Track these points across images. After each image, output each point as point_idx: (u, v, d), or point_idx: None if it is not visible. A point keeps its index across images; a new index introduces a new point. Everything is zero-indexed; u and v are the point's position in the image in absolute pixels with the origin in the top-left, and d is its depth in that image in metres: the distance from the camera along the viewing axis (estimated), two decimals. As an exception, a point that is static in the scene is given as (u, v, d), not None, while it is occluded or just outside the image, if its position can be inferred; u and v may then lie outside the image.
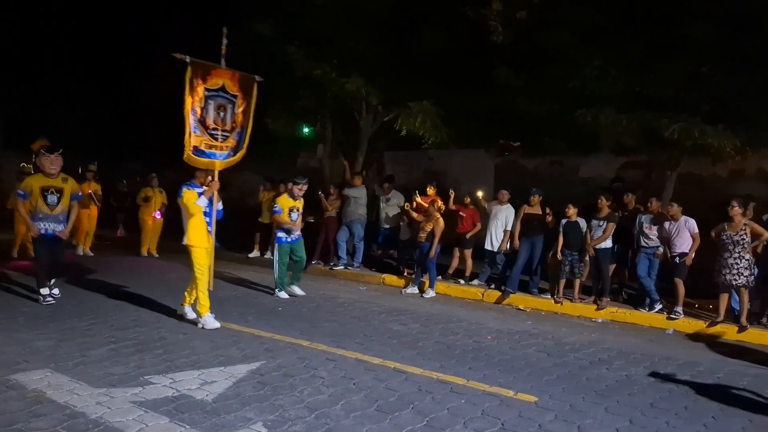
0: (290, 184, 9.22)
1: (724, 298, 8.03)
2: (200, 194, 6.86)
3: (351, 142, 14.85)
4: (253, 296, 9.01)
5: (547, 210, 9.65)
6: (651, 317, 8.44)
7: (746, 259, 7.79)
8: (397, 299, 9.26)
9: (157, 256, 12.97)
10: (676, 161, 10.53)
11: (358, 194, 11.39)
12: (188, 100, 6.94)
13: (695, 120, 9.07)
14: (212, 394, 4.70)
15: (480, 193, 11.13)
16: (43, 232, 7.45)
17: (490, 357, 6.22)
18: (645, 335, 7.75)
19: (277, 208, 9.01)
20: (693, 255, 8.33)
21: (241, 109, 7.53)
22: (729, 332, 7.82)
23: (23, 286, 8.52)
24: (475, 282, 10.20)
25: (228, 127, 7.38)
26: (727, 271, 7.85)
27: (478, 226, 10.41)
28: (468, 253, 10.49)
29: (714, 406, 5.08)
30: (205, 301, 6.82)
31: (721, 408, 5.05)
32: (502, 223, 9.93)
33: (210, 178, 7.05)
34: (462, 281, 10.29)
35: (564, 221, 9.14)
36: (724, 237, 7.93)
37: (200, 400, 4.56)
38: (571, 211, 9.09)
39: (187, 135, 6.94)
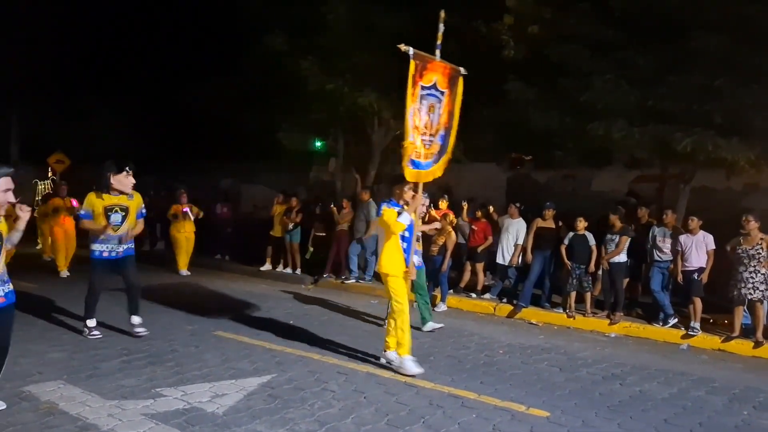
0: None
1: (739, 313, 7.93)
2: (400, 213, 5.89)
3: (363, 155, 14.90)
4: (265, 309, 9.02)
5: (560, 223, 9.62)
6: (665, 332, 8.35)
7: (762, 273, 7.70)
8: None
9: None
10: (690, 175, 10.46)
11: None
12: (410, 101, 5.89)
13: (708, 133, 9.01)
14: (223, 407, 4.71)
15: (491, 207, 11.10)
16: (106, 255, 6.61)
17: (501, 371, 6.19)
18: (659, 350, 7.67)
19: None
20: (708, 272, 8.25)
21: (447, 109, 6.36)
22: (744, 348, 7.71)
23: (38, 298, 8.60)
24: (487, 296, 10.15)
25: (433, 130, 6.25)
26: (743, 285, 7.76)
27: (490, 239, 10.38)
28: (480, 266, 10.45)
29: (729, 423, 5.01)
30: (405, 339, 5.90)
31: (736, 425, 4.99)
32: (513, 236, 9.90)
33: (411, 193, 6.08)
34: (474, 295, 10.25)
35: (571, 234, 9.12)
36: (740, 251, 7.86)
37: (211, 413, 4.57)
38: (581, 224, 9.07)
39: (407, 143, 5.88)
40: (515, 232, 9.89)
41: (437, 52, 6.23)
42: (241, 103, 15.60)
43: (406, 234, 6.00)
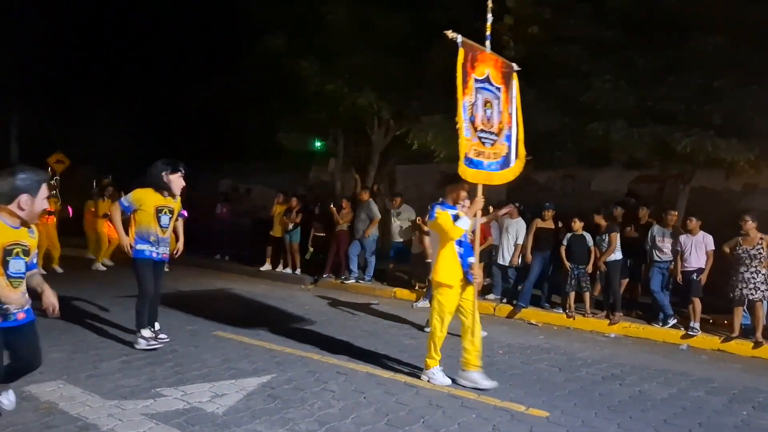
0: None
1: (738, 313, 7.94)
2: (455, 216, 5.48)
3: (363, 156, 14.92)
4: (265, 310, 9.02)
5: (560, 224, 9.64)
6: (664, 332, 8.36)
7: (763, 274, 7.72)
8: (408, 313, 9.23)
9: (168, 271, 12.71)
10: (689, 175, 10.47)
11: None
12: (461, 92, 5.39)
13: (708, 134, 9.02)
14: (223, 406, 4.71)
15: (491, 208, 11.10)
16: (155, 256, 6.30)
17: (501, 371, 6.19)
18: (658, 350, 7.68)
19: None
20: (708, 272, 8.27)
21: (506, 107, 5.96)
22: (744, 348, 7.72)
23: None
24: (491, 296, 10.14)
25: (495, 128, 5.81)
26: (744, 286, 7.78)
27: (490, 239, 10.39)
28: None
29: (728, 423, 5.01)
30: (435, 351, 5.63)
31: (735, 425, 4.99)
32: (513, 236, 9.91)
33: (465, 194, 5.69)
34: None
35: (569, 234, 9.16)
36: (740, 251, 7.87)
37: (211, 413, 4.57)
38: (577, 224, 9.10)
39: (461, 139, 5.39)
40: (515, 232, 9.89)
41: (487, 43, 5.81)
42: (240, 104, 15.62)
43: (462, 238, 5.54)
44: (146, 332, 6.28)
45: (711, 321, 8.65)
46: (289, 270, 12.42)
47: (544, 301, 9.61)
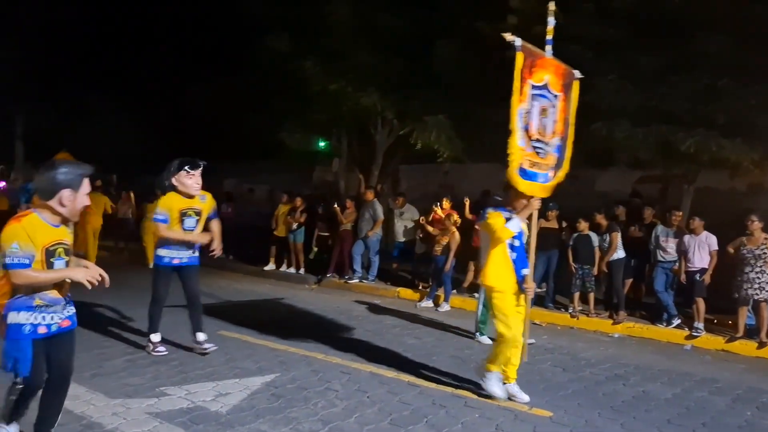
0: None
1: (743, 313, 7.93)
2: (509, 219, 5.21)
3: (366, 155, 14.92)
4: (269, 309, 9.03)
5: (564, 224, 9.63)
6: (668, 332, 8.35)
7: (767, 273, 7.71)
8: (412, 313, 9.24)
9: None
10: (693, 175, 10.45)
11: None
12: (517, 98, 5.10)
13: (712, 134, 9.01)
14: (227, 406, 4.73)
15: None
16: (176, 262, 6.09)
17: (504, 371, 6.19)
18: (662, 351, 7.66)
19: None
20: (711, 272, 8.25)
21: (562, 115, 5.64)
22: (748, 348, 7.71)
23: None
24: None
25: (548, 137, 5.53)
26: (749, 286, 7.76)
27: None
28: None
29: (732, 424, 5.01)
30: (500, 359, 5.24)
31: (739, 426, 4.99)
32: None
33: (523, 201, 5.33)
34: (477, 295, 10.23)
35: (575, 235, 9.15)
36: (745, 251, 7.85)
37: (215, 412, 4.59)
38: (583, 224, 9.10)
39: (514, 147, 5.10)
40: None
41: (548, 48, 5.52)
42: (244, 104, 15.64)
43: (516, 243, 5.27)
44: (155, 337, 6.16)
45: (715, 321, 8.62)
46: (293, 269, 12.43)
47: (548, 301, 9.59)
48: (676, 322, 8.49)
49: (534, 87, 5.23)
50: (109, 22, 21.50)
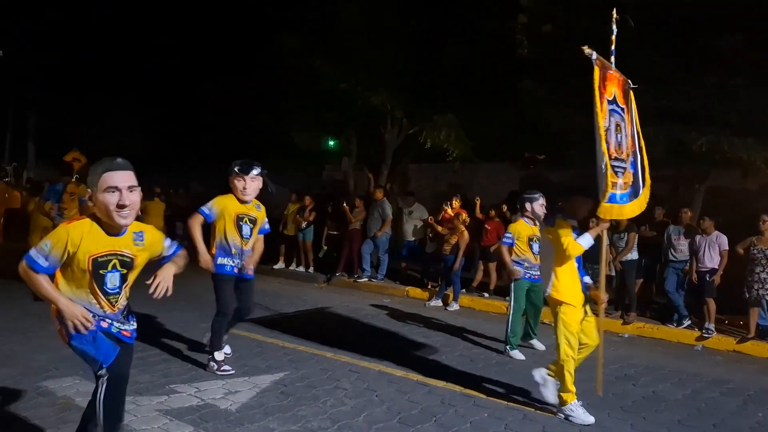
0: (528, 204, 6.90)
1: (754, 313, 7.87)
2: (576, 230, 4.97)
3: (376, 154, 14.93)
4: (278, 307, 9.06)
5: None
6: (679, 333, 8.30)
7: (778, 274, 7.66)
8: (420, 312, 9.24)
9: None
10: (705, 174, 10.38)
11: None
12: (601, 117, 4.76)
13: (724, 133, 8.94)
14: (236, 403, 4.75)
15: (504, 206, 11.08)
16: (236, 272, 5.60)
17: (513, 371, 6.18)
18: (673, 351, 7.62)
19: (506, 239, 7.01)
20: (721, 272, 8.19)
21: (630, 129, 5.23)
22: (760, 349, 7.65)
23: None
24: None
25: (623, 155, 5.14)
26: (759, 286, 7.72)
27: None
28: (493, 266, 10.43)
29: (743, 425, 4.98)
30: (570, 382, 4.85)
31: (751, 427, 4.95)
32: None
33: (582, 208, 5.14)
34: (486, 294, 10.23)
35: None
36: (755, 251, 7.81)
37: (224, 410, 4.61)
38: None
39: (608, 170, 4.73)
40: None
41: (612, 59, 5.25)
42: (254, 102, 15.69)
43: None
44: (219, 355, 5.65)
45: (726, 322, 8.57)
46: (302, 268, 12.46)
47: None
48: (687, 322, 8.44)
49: (609, 102, 4.93)
50: (120, 21, 21.61)
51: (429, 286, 10.72)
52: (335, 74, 12.66)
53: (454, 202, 10.65)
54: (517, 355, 6.80)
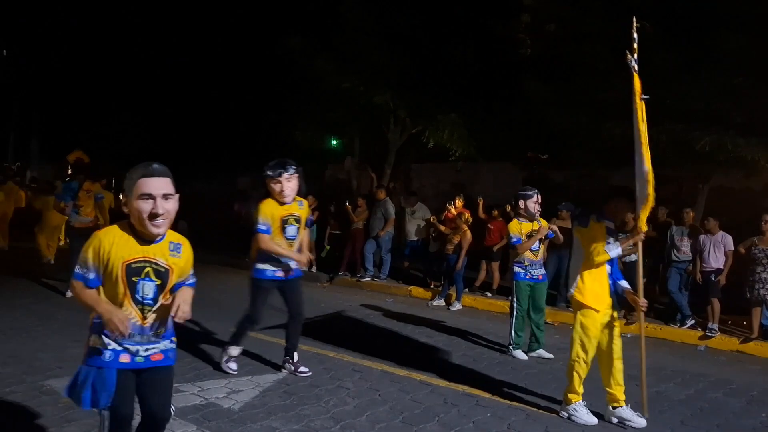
0: (521, 201, 6.85)
1: (756, 313, 7.86)
2: (612, 232, 4.83)
3: (379, 154, 14.94)
4: (280, 307, 9.04)
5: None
6: (682, 333, 8.29)
7: (780, 274, 7.66)
8: (423, 311, 9.24)
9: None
10: (708, 174, 10.36)
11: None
12: (642, 123, 4.70)
13: (728, 132, 8.93)
14: (239, 403, 4.75)
15: (508, 206, 11.07)
16: (280, 276, 5.47)
17: (516, 371, 6.18)
18: (676, 351, 7.61)
19: (514, 238, 6.82)
20: (726, 273, 8.17)
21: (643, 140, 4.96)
22: (763, 349, 7.63)
23: (58, 294, 8.71)
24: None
25: None
26: (761, 286, 7.71)
27: (506, 238, 10.34)
28: (495, 265, 10.43)
29: (747, 425, 4.97)
30: (577, 383, 4.78)
31: (754, 427, 4.95)
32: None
33: (630, 217, 4.98)
34: (489, 294, 10.23)
35: None
36: (756, 251, 7.80)
37: (227, 409, 4.61)
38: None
39: (650, 176, 4.62)
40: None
41: (635, 64, 5.08)
42: (257, 102, 15.71)
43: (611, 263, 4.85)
44: (234, 350, 5.59)
45: (730, 322, 8.55)
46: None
47: (560, 301, 9.55)
48: (690, 322, 8.43)
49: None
50: (125, 21, 21.65)
51: (432, 286, 10.72)
52: (338, 73, 12.67)
53: (456, 201, 10.65)
54: (520, 355, 6.77)
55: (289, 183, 5.32)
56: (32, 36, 21.37)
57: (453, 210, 10.51)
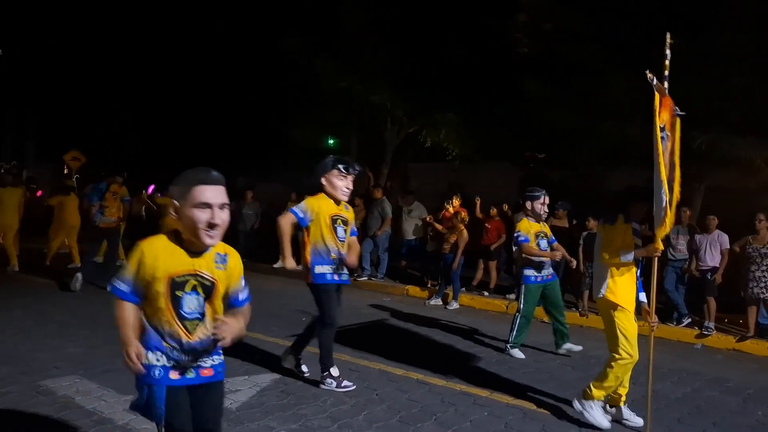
0: (528, 202, 6.81)
1: (752, 312, 7.89)
2: (637, 233, 4.77)
3: (376, 153, 14.95)
4: (278, 306, 9.06)
5: (574, 221, 9.60)
6: (679, 331, 8.31)
7: (774, 272, 7.69)
8: (420, 310, 9.25)
9: None
10: (705, 174, 10.39)
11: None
12: (660, 147, 4.48)
13: (724, 132, 8.95)
14: (236, 402, 4.75)
15: (505, 206, 11.09)
16: (337, 278, 5.22)
17: (513, 369, 6.19)
18: (672, 349, 7.62)
19: (521, 237, 6.70)
20: (722, 271, 8.20)
21: (669, 158, 4.72)
22: (759, 347, 7.66)
23: (56, 294, 8.70)
24: (512, 296, 10.04)
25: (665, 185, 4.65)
26: (755, 284, 7.74)
27: (503, 237, 10.37)
28: (493, 264, 10.44)
29: (743, 423, 4.98)
30: (610, 384, 4.66)
31: (750, 426, 4.96)
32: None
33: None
34: (486, 293, 10.24)
35: (585, 233, 9.10)
36: (750, 250, 7.84)
37: (225, 408, 4.59)
38: (592, 223, 9.05)
39: (667, 198, 4.46)
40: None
41: (665, 84, 4.88)
42: (256, 102, 15.70)
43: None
44: (335, 371, 5.25)
45: (726, 320, 8.58)
46: (302, 267, 12.44)
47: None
48: (687, 321, 8.45)
49: (661, 129, 4.60)
50: (120, 19, 21.57)
51: (429, 285, 10.73)
52: (336, 73, 12.68)
53: (454, 200, 10.66)
54: (518, 353, 6.76)
55: (351, 183, 5.17)
56: (28, 35, 21.30)
57: (450, 209, 10.52)
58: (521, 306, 6.79)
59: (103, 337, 6.53)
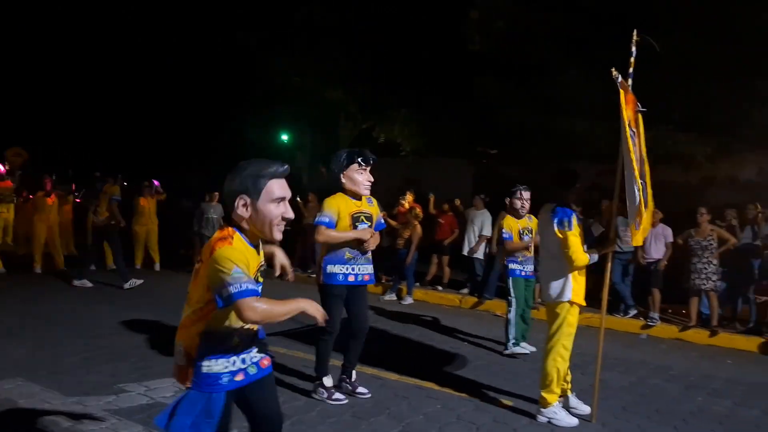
0: (508, 198, 6.96)
1: (694, 303, 8.19)
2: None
3: (330, 149, 14.91)
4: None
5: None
6: (625, 322, 8.56)
7: (714, 264, 8.00)
8: (375, 305, 9.26)
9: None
10: (649, 169, 10.70)
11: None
12: (630, 143, 4.48)
13: (668, 128, 9.23)
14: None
15: (457, 201, 11.20)
16: (351, 280, 4.84)
17: (467, 362, 6.27)
18: (619, 340, 7.83)
19: (504, 234, 6.80)
20: (665, 262, 8.48)
21: (639, 153, 4.75)
22: (701, 336, 7.95)
23: (11, 296, 8.42)
24: (465, 290, 10.15)
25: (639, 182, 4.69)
26: (697, 276, 8.03)
27: (456, 232, 10.47)
28: (446, 259, 10.54)
29: (684, 409, 5.17)
30: (557, 382, 4.63)
31: (691, 411, 5.14)
32: (478, 228, 10.00)
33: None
34: (440, 288, 10.33)
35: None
36: (692, 243, 8.13)
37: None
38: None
39: (641, 207, 4.56)
40: (480, 224, 9.99)
41: (629, 81, 4.93)
42: (208, 100, 15.45)
43: None
44: (328, 381, 4.92)
45: (670, 311, 8.88)
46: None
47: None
48: (633, 312, 8.71)
49: (628, 125, 4.57)
50: (55, 14, 20.76)
51: (383, 280, 10.76)
52: (289, 69, 12.59)
53: (408, 196, 10.71)
54: (520, 349, 6.68)
55: (370, 175, 4.85)
56: (25, 34, 20.46)
57: (405, 205, 10.57)
58: (512, 299, 6.74)
59: (48, 339, 6.35)
